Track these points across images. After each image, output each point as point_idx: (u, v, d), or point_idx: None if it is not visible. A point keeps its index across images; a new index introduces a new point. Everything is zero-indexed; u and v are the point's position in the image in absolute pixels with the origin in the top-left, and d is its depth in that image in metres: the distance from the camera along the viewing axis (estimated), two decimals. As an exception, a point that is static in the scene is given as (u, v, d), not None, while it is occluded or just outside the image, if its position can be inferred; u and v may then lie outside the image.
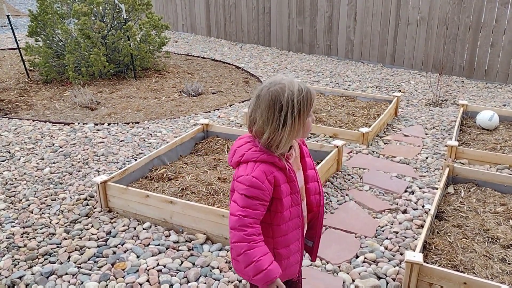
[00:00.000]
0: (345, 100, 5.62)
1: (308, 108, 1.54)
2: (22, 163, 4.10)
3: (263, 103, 1.52)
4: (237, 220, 1.54)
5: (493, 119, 4.69)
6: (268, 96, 1.51)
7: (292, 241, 1.72)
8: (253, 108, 1.56)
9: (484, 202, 3.28)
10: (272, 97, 1.51)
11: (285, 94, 1.49)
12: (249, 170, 1.56)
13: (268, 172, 1.56)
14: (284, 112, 1.50)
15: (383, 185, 3.70)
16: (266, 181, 1.55)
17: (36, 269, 2.69)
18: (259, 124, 1.54)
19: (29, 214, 3.27)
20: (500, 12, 6.62)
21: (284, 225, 1.67)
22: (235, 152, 1.64)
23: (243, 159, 1.59)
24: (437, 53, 7.31)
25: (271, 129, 1.52)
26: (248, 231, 1.54)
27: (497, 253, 2.71)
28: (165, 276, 2.62)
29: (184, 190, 3.40)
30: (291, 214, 1.67)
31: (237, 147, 1.64)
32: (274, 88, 1.52)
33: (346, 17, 8.07)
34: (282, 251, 1.70)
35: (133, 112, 5.54)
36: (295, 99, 1.50)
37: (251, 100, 1.59)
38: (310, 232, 1.89)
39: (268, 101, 1.51)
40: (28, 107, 5.72)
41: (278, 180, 1.59)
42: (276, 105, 1.50)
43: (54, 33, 6.78)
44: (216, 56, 8.64)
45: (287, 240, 1.70)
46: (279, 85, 1.52)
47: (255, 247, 1.54)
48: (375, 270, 2.69)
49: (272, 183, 1.57)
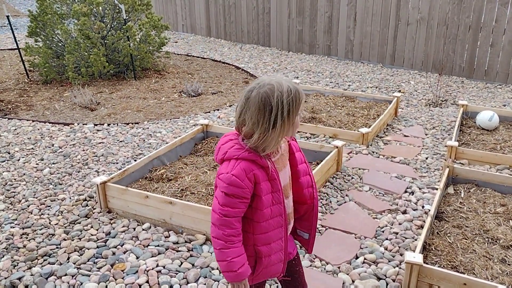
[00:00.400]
0: (345, 101, 5.61)
1: (297, 108, 1.54)
2: (21, 163, 4.09)
3: (252, 105, 1.52)
4: (218, 218, 1.60)
5: (493, 119, 4.68)
6: (257, 99, 1.51)
7: (273, 239, 1.71)
8: (241, 110, 1.56)
9: (484, 203, 3.28)
10: (262, 99, 1.50)
11: (275, 96, 1.49)
12: (230, 168, 1.58)
13: (248, 170, 1.57)
14: (274, 113, 1.50)
15: (383, 185, 3.70)
16: (246, 179, 1.57)
17: (36, 270, 2.68)
18: (249, 126, 1.55)
19: (28, 215, 3.27)
20: (500, 12, 6.62)
21: (265, 222, 1.67)
22: (219, 149, 1.66)
23: (226, 157, 1.61)
24: (437, 53, 7.31)
25: (261, 130, 1.52)
26: (227, 232, 1.60)
27: (497, 254, 2.70)
28: (164, 277, 2.61)
29: (184, 191, 3.39)
30: (271, 212, 1.67)
31: (221, 145, 1.66)
32: (263, 90, 1.51)
33: (346, 17, 8.06)
34: (262, 248, 1.71)
35: (132, 112, 5.54)
36: (285, 100, 1.49)
37: (239, 101, 1.59)
38: (305, 224, 1.90)
39: (258, 104, 1.50)
40: (27, 107, 5.72)
41: (258, 178, 1.60)
42: (266, 107, 1.50)
43: (54, 33, 6.78)
44: (216, 57, 8.64)
45: (268, 237, 1.70)
46: (268, 86, 1.51)
47: (231, 247, 1.61)
48: (375, 271, 2.68)
49: (252, 180, 1.59)
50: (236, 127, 1.62)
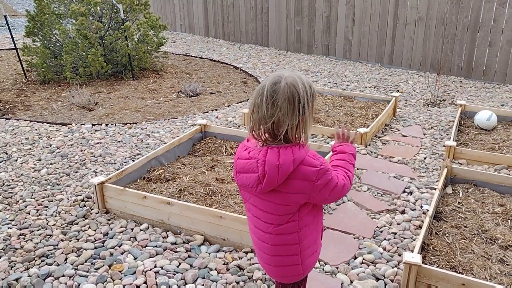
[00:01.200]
0: (343, 100, 5.61)
1: (314, 101, 1.62)
2: (19, 164, 4.08)
3: (282, 96, 1.53)
4: (346, 184, 1.72)
5: (491, 119, 4.68)
6: (287, 89, 1.53)
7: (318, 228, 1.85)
8: (267, 104, 1.54)
9: (482, 203, 3.28)
10: (291, 89, 1.53)
11: (300, 86, 1.55)
12: (314, 161, 1.59)
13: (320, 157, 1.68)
14: (303, 102, 1.55)
15: (382, 185, 3.69)
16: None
17: (33, 271, 2.67)
18: (281, 119, 1.54)
19: (26, 216, 3.26)
20: (498, 12, 6.63)
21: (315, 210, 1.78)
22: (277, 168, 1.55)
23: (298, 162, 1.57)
24: (435, 53, 7.31)
25: (293, 120, 1.54)
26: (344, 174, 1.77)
27: (495, 254, 2.70)
28: (162, 278, 2.60)
29: (182, 191, 3.38)
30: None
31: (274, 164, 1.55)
32: (289, 80, 1.54)
33: (344, 17, 8.06)
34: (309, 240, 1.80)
35: (130, 112, 5.53)
36: (308, 91, 1.57)
37: (258, 98, 1.57)
38: None
39: (288, 95, 1.53)
40: (25, 107, 5.70)
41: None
42: (295, 97, 1.54)
43: (52, 33, 6.76)
44: (214, 56, 8.63)
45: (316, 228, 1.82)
46: (291, 77, 1.55)
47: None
48: (373, 271, 2.68)
49: None
50: (259, 127, 1.59)
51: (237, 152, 1.72)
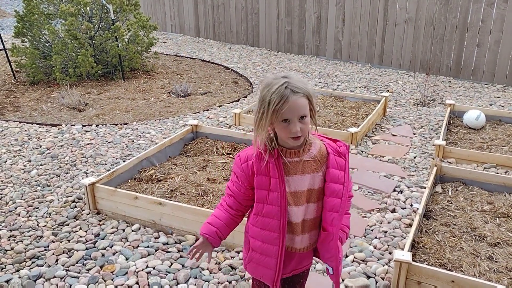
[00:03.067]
0: (334, 100, 5.64)
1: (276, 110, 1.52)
2: (8, 165, 4.04)
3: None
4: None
5: (480, 118, 4.74)
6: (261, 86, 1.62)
7: (266, 239, 1.70)
8: None
9: (471, 201, 3.32)
10: (261, 88, 1.60)
11: (265, 87, 1.57)
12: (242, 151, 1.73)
13: (250, 157, 1.66)
14: (259, 103, 1.57)
15: (372, 184, 3.72)
16: (245, 163, 1.67)
17: (24, 273, 2.65)
18: None
19: (16, 217, 3.23)
20: (486, 12, 6.70)
21: (259, 217, 1.70)
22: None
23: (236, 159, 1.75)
24: (424, 53, 7.37)
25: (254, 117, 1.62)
26: (223, 198, 1.81)
27: (484, 251, 2.74)
28: (154, 278, 2.60)
29: (173, 192, 3.38)
30: (263, 210, 1.68)
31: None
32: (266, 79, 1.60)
33: (334, 18, 8.10)
34: (252, 241, 1.75)
35: (121, 113, 5.51)
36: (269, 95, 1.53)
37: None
38: (326, 255, 1.77)
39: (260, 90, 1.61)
40: (14, 108, 5.65)
41: (253, 169, 1.65)
42: (260, 94, 1.59)
43: (41, 33, 6.71)
44: (205, 57, 8.62)
45: (260, 235, 1.71)
46: (272, 77, 1.59)
47: (217, 208, 1.82)
48: (364, 269, 2.70)
49: (248, 169, 1.66)
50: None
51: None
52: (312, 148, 1.66)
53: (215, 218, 1.79)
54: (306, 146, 1.64)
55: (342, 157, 1.68)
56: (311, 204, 1.69)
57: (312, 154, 1.65)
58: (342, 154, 1.68)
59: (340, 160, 1.68)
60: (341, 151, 1.68)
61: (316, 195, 1.69)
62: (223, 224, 1.77)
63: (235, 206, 1.76)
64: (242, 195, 1.73)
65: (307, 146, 1.64)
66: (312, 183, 1.66)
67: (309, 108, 1.56)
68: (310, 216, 1.71)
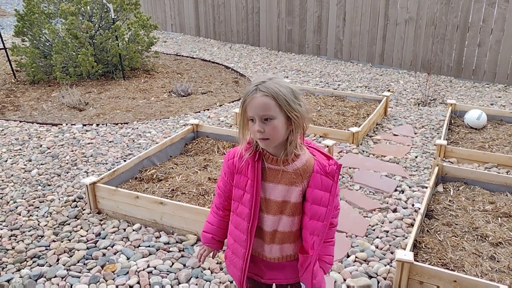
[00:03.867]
0: (335, 100, 5.63)
1: (244, 108, 1.51)
2: (9, 164, 4.04)
3: None
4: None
5: (481, 118, 4.73)
6: None
7: (236, 239, 1.70)
8: None
9: (473, 201, 3.31)
10: None
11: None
12: (233, 148, 1.73)
13: (235, 155, 1.66)
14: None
15: (374, 184, 3.72)
16: (231, 160, 1.67)
17: (25, 272, 2.64)
18: None
19: (16, 217, 3.22)
20: (487, 12, 6.70)
21: (234, 215, 1.71)
22: None
23: None
24: (425, 53, 7.37)
25: None
26: (213, 199, 1.83)
27: (486, 251, 2.73)
28: (155, 278, 2.60)
29: (175, 191, 3.37)
30: (237, 209, 1.68)
31: None
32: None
33: (335, 17, 8.09)
34: (228, 238, 1.78)
35: (122, 112, 5.50)
36: (244, 95, 1.54)
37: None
38: (305, 276, 1.70)
39: None
40: (15, 108, 5.65)
41: (235, 167, 1.65)
42: None
43: (41, 33, 6.70)
44: (206, 56, 8.61)
45: (233, 233, 1.73)
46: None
47: (209, 212, 1.85)
48: (366, 269, 2.69)
49: (233, 166, 1.66)
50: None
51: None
52: (298, 160, 1.57)
53: (208, 224, 1.84)
54: (290, 156, 1.55)
55: (329, 177, 1.56)
56: (284, 216, 1.62)
57: (295, 166, 1.57)
58: (329, 174, 1.56)
59: (327, 180, 1.56)
60: (328, 170, 1.56)
61: (292, 209, 1.61)
62: (216, 229, 1.81)
63: (222, 206, 1.78)
64: (228, 192, 1.72)
65: (291, 157, 1.56)
66: (287, 196, 1.60)
67: (281, 112, 1.48)
68: (283, 229, 1.65)
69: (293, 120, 1.50)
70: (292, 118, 1.50)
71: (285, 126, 1.51)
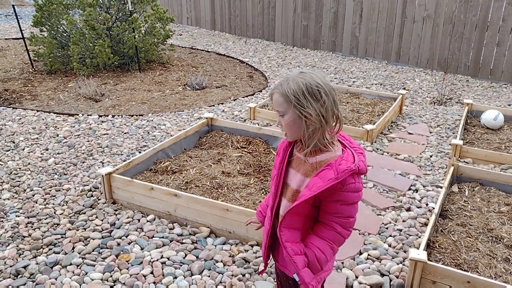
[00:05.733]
0: (350, 97, 5.60)
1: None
2: (26, 153, 4.10)
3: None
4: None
5: (498, 118, 4.68)
6: None
7: (266, 215, 1.82)
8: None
9: (488, 202, 3.28)
10: None
11: None
12: None
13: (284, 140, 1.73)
14: None
15: (387, 182, 3.70)
16: (280, 143, 1.75)
17: (41, 259, 2.69)
18: None
19: (33, 204, 3.28)
20: (507, 11, 6.59)
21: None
22: None
23: None
24: (442, 51, 7.28)
25: None
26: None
27: (501, 253, 2.71)
28: (169, 269, 2.62)
29: (188, 184, 3.40)
30: (271, 187, 1.76)
31: None
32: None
33: (352, 13, 8.03)
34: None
35: (137, 104, 5.54)
36: None
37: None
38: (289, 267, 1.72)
39: None
40: (32, 97, 5.72)
41: (279, 150, 1.74)
42: None
43: (59, 23, 6.77)
44: (220, 50, 8.62)
45: (265, 210, 1.86)
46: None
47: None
48: (378, 267, 2.69)
49: (279, 148, 1.74)
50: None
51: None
52: (322, 155, 1.58)
53: (262, 202, 1.97)
54: (307, 150, 1.58)
55: (334, 172, 1.52)
56: (293, 203, 1.65)
57: (315, 160, 1.59)
58: (337, 170, 1.52)
59: (329, 172, 1.52)
60: (338, 167, 1.53)
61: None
62: (264, 205, 1.94)
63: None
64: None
65: (308, 150, 1.58)
66: (301, 186, 1.62)
67: (291, 108, 1.53)
68: (287, 207, 1.69)
69: (305, 117, 1.53)
70: (303, 115, 1.53)
71: (298, 122, 1.55)
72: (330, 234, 1.63)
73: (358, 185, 1.57)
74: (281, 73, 7.08)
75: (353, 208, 1.61)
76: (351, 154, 1.58)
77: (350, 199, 1.58)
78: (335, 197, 1.55)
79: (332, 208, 1.59)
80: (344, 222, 1.61)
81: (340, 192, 1.54)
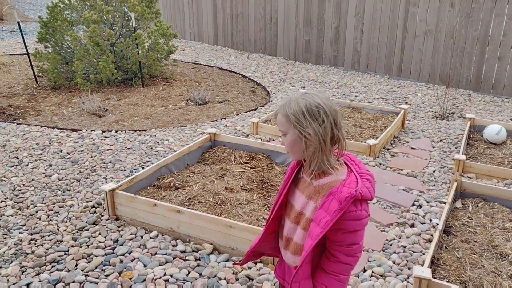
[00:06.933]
0: (352, 112, 5.62)
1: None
2: (30, 169, 4.11)
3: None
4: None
5: (501, 133, 4.68)
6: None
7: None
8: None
9: (492, 218, 3.27)
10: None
11: None
12: None
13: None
14: None
15: (391, 198, 3.69)
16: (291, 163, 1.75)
17: (44, 277, 2.69)
18: None
19: (36, 221, 3.28)
20: (508, 26, 6.64)
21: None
22: None
23: None
24: (444, 66, 7.32)
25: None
26: None
27: (506, 270, 2.69)
28: (172, 286, 2.61)
29: (191, 200, 3.40)
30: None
31: None
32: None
33: (353, 28, 8.10)
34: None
35: (140, 119, 5.57)
36: None
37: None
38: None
39: None
40: (36, 112, 5.76)
41: (288, 170, 1.75)
42: None
43: (64, 39, 6.84)
44: (223, 65, 8.68)
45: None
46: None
47: None
48: (383, 284, 2.67)
49: (289, 167, 1.75)
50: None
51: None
52: (326, 177, 1.57)
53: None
54: (308, 171, 1.58)
55: (337, 202, 1.49)
56: (299, 228, 1.64)
57: (318, 183, 1.58)
58: (340, 199, 1.48)
59: (334, 204, 1.49)
60: (340, 195, 1.49)
61: (306, 223, 1.61)
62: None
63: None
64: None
65: (320, 173, 1.57)
66: (304, 208, 1.62)
67: (292, 128, 1.54)
68: (296, 240, 1.66)
69: (304, 137, 1.53)
70: (302, 135, 1.53)
71: (299, 142, 1.55)
72: (334, 266, 1.59)
73: (360, 212, 1.50)
74: (283, 88, 7.12)
75: (355, 236, 1.54)
76: (354, 180, 1.53)
77: (351, 227, 1.52)
78: (335, 225, 1.50)
79: (333, 236, 1.54)
80: (346, 250, 1.56)
81: (340, 221, 1.49)
